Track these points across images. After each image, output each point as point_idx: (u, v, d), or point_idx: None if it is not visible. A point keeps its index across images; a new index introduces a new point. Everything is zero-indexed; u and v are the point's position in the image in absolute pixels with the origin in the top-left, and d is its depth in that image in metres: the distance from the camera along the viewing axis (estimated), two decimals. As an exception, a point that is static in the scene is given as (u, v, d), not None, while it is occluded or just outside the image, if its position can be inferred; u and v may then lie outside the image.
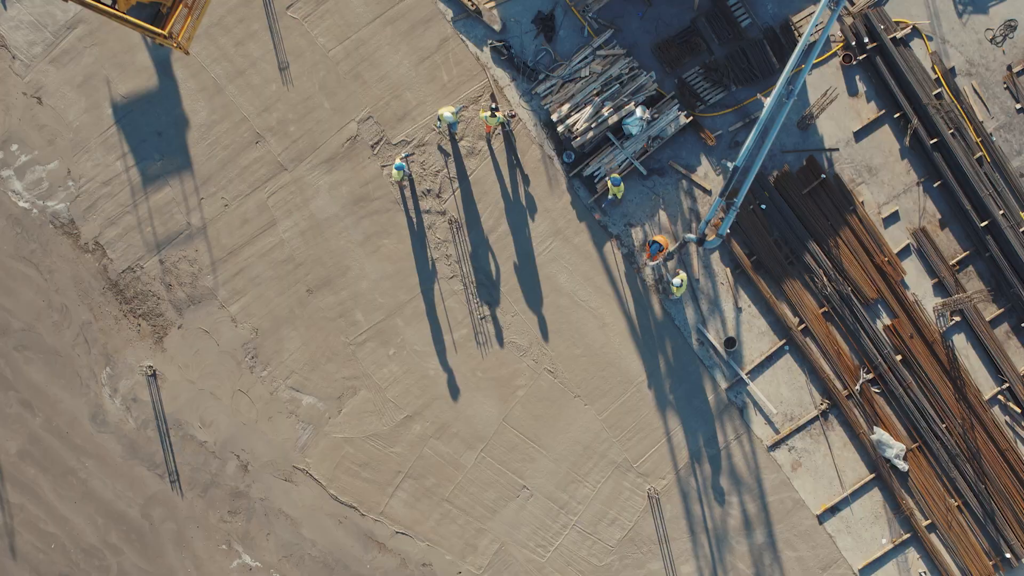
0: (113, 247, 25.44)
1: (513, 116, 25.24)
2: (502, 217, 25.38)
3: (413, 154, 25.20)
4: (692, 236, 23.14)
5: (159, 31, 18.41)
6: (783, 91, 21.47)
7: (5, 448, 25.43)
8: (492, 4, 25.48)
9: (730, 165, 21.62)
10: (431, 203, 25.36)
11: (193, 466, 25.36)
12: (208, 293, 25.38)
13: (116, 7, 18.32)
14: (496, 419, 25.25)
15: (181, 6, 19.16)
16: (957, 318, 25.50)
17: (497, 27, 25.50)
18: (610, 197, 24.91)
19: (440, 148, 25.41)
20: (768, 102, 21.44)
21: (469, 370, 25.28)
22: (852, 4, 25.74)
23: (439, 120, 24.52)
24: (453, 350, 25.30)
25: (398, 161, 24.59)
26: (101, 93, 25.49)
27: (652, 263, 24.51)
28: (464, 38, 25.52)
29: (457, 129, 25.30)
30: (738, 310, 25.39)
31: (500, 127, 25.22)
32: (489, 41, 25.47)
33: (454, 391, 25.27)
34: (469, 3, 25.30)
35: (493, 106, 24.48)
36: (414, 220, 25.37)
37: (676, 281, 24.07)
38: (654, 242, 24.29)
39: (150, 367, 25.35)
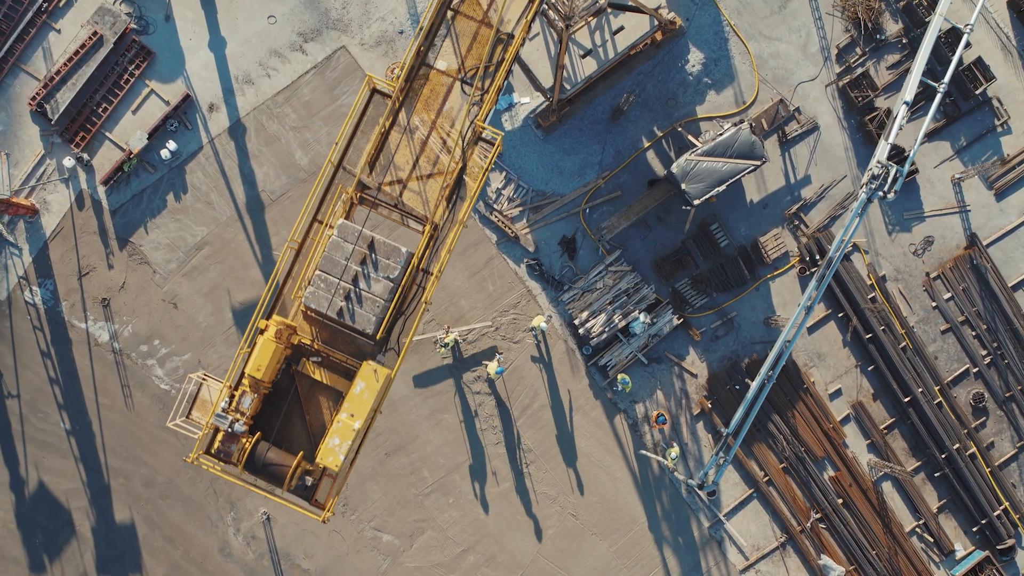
0: (235, 420, 32.81)
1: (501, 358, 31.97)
2: (535, 396, 32.84)
3: (504, 362, 32.03)
4: (694, 482, 29.08)
5: (316, 516, 21.31)
6: (765, 376, 27.39)
7: (154, 573, 32.98)
8: (527, 230, 32.77)
9: (724, 431, 27.92)
10: (480, 386, 32.78)
11: (299, 588, 33.03)
12: (309, 456, 32.82)
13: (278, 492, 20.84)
14: (532, 552, 32.86)
15: (325, 477, 21.80)
16: (886, 470, 33.16)
17: (531, 248, 32.80)
18: (619, 389, 32.38)
19: (487, 338, 32.74)
20: (754, 384, 27.48)
21: (511, 514, 32.86)
22: (807, 227, 33.11)
23: (489, 372, 31.73)
24: (498, 499, 32.86)
25: (500, 366, 31.55)
26: (223, 300, 32.77)
27: (658, 430, 31.86)
28: (505, 257, 32.80)
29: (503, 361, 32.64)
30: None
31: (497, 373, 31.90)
32: (525, 259, 32.76)
33: (499, 530, 32.87)
34: (509, 230, 32.57)
35: (500, 357, 31.80)
36: (468, 400, 32.83)
37: (672, 454, 31.59)
38: (660, 415, 31.75)
39: (265, 512, 32.84)
